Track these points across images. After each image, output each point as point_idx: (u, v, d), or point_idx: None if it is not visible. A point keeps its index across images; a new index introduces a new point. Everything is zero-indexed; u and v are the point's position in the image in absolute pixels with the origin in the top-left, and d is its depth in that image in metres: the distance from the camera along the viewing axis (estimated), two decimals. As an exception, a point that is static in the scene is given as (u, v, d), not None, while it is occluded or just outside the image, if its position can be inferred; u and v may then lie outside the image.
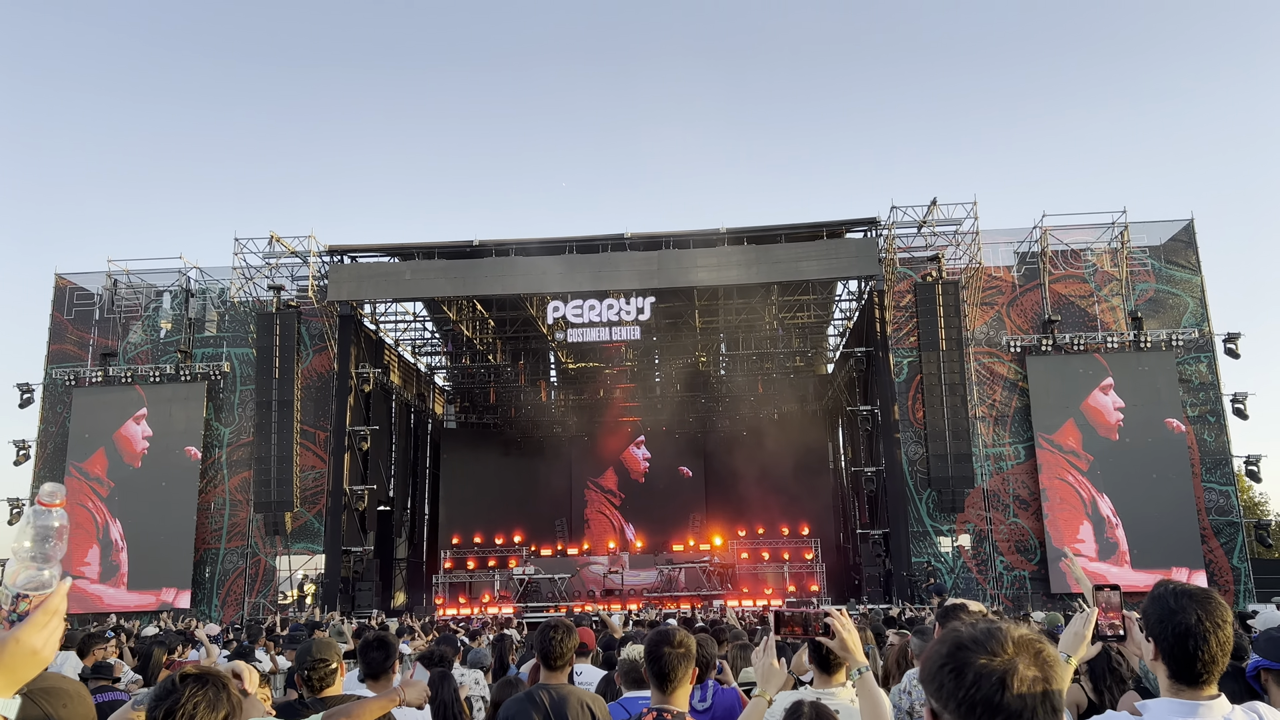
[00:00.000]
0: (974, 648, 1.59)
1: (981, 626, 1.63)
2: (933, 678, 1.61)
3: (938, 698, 1.59)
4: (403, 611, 29.14)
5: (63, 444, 29.92)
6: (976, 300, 28.88)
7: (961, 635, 1.63)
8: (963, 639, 1.62)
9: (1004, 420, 28.42)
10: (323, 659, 4.31)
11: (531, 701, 4.62)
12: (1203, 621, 2.50)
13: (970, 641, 1.60)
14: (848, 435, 36.10)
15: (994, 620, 1.66)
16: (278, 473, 28.28)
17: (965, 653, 1.58)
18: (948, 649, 1.62)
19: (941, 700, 1.58)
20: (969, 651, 1.58)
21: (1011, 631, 1.61)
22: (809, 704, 2.96)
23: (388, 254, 30.60)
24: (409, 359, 36.58)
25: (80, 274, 31.58)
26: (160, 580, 28.82)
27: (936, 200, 27.96)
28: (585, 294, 28.61)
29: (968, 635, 1.62)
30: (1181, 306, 28.54)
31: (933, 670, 1.62)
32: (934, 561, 27.45)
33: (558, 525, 36.56)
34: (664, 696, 3.67)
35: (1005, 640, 1.59)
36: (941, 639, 1.65)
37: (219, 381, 30.50)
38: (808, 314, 33.11)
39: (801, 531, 32.67)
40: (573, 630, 5.00)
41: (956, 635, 1.64)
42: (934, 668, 1.62)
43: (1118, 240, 28.78)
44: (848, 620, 3.17)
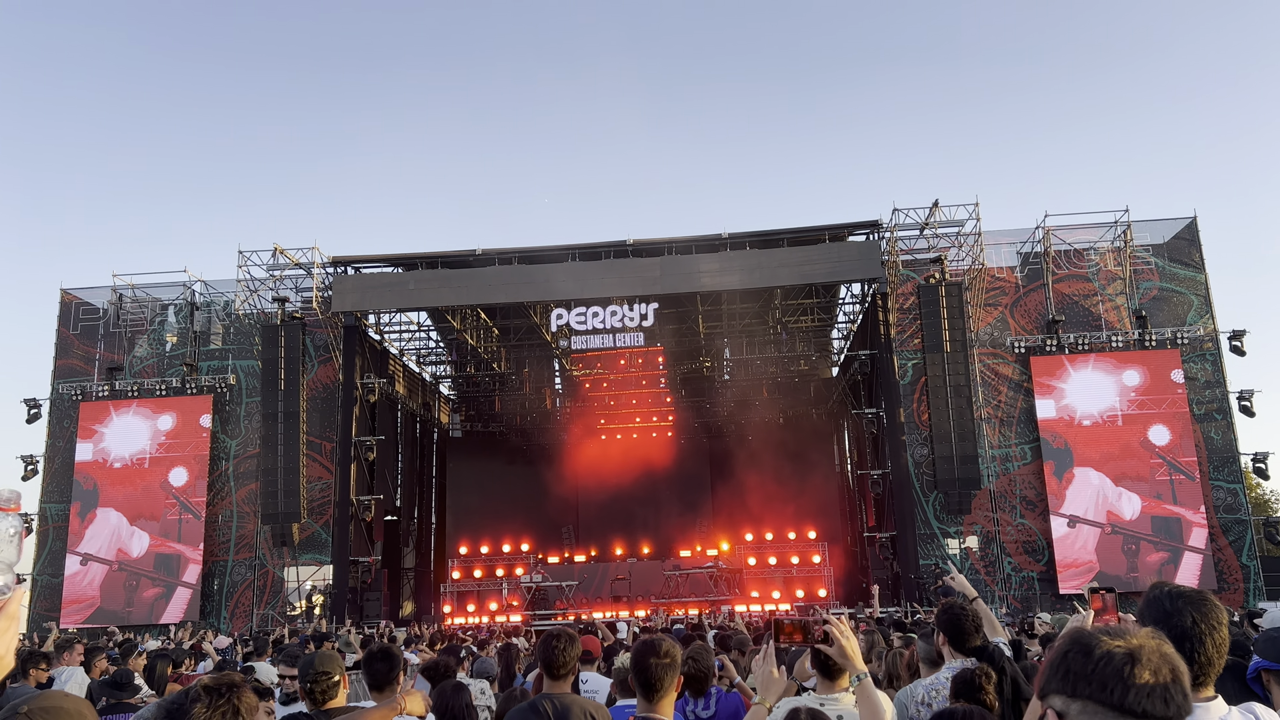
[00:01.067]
0: (1099, 634, 1.60)
1: (1103, 626, 1.66)
2: (1056, 670, 1.61)
3: (1064, 685, 1.58)
4: (411, 621, 29.16)
5: (70, 458, 30.02)
6: (980, 301, 28.87)
7: (1084, 629, 1.66)
8: (1085, 631, 1.64)
9: (1009, 421, 28.38)
10: (325, 672, 4.33)
11: (535, 711, 4.63)
12: (1198, 624, 2.50)
13: (1097, 631, 1.62)
14: (853, 438, 36.07)
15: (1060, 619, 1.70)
16: (284, 484, 28.35)
17: (1090, 639, 1.60)
18: (1071, 639, 1.63)
19: (1070, 684, 1.57)
20: (1094, 638, 1.60)
21: (1134, 628, 1.64)
22: (806, 710, 2.98)
23: (391, 264, 30.71)
24: (414, 369, 36.67)
25: (86, 289, 31.73)
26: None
27: (938, 202, 28.00)
28: (588, 301, 28.68)
29: (1094, 628, 1.64)
30: (1186, 304, 28.49)
31: (1054, 663, 1.62)
32: (942, 563, 27.38)
33: (565, 532, 36.57)
34: (650, 705, 3.70)
35: (1129, 632, 1.61)
36: (1060, 640, 1.67)
37: (225, 394, 30.60)
38: (811, 318, 33.12)
39: (808, 535, 32.64)
40: (575, 639, 5.01)
41: (1079, 630, 1.66)
42: (1056, 660, 1.62)
43: (1121, 239, 28.75)
44: (846, 627, 3.19)
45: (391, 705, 3.65)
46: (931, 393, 27.33)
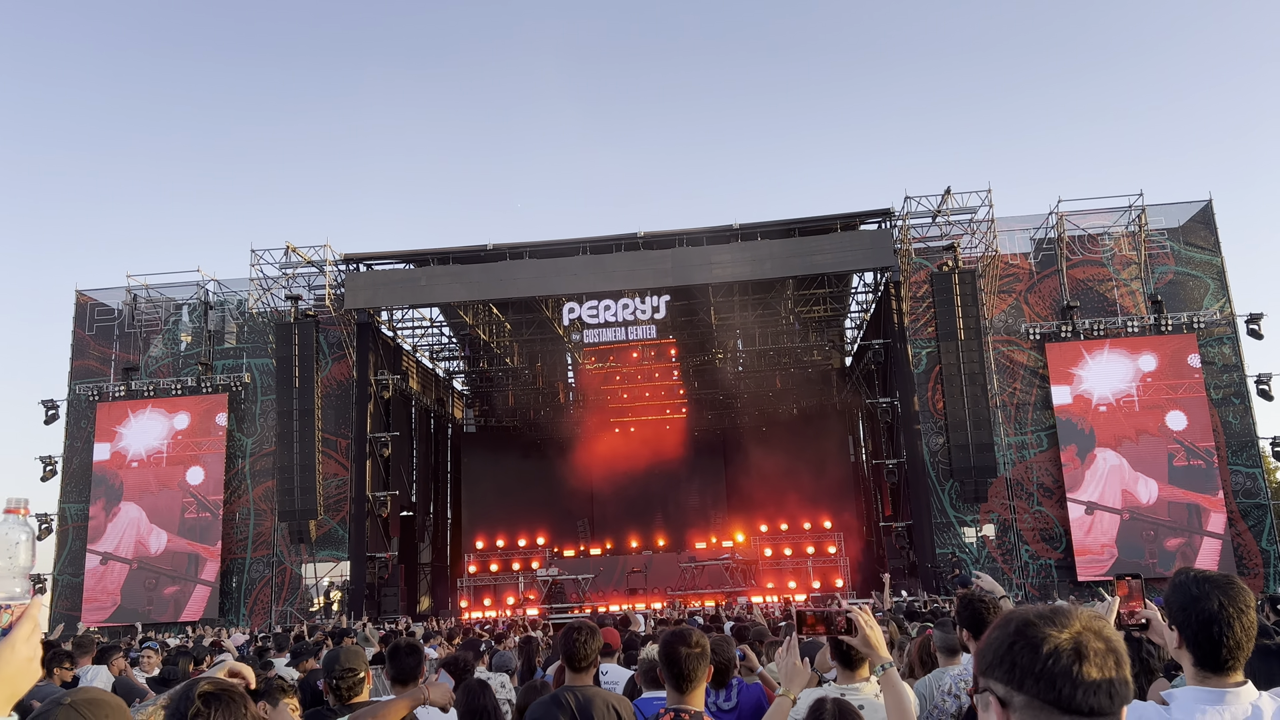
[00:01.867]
0: (1042, 623, 1.57)
1: (1045, 606, 1.61)
2: (1001, 659, 1.58)
3: (1009, 677, 1.56)
4: (428, 616, 29.29)
5: (88, 459, 30.23)
6: (994, 288, 28.71)
7: (1028, 614, 1.60)
8: (1029, 617, 1.59)
9: (1025, 408, 28.24)
10: (350, 668, 4.34)
11: (558, 704, 4.64)
12: (1226, 608, 2.48)
13: (1038, 618, 1.58)
14: (868, 428, 35.99)
15: (1054, 603, 1.65)
16: (300, 481, 28.48)
17: (1035, 629, 1.56)
18: (1015, 627, 1.59)
19: (1015, 679, 1.55)
20: (1038, 627, 1.56)
21: (1075, 609, 1.61)
22: (832, 700, 2.96)
23: (403, 261, 30.77)
24: (427, 364, 36.76)
25: (100, 290, 31.92)
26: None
27: (951, 189, 27.85)
28: (600, 294, 28.67)
29: (1034, 613, 1.60)
30: (1202, 288, 28.26)
31: (1001, 651, 1.58)
32: (959, 552, 27.31)
33: (580, 526, 36.63)
34: (681, 697, 3.66)
35: (1071, 616, 1.58)
36: (1001, 623, 1.63)
37: (240, 392, 30.74)
38: (824, 307, 33.03)
39: (824, 525, 32.60)
40: (596, 632, 5.01)
41: (1022, 615, 1.61)
42: (1002, 648, 1.59)
43: (1135, 223, 28.53)
44: (870, 617, 3.17)
45: (415, 696, 3.65)
46: (946, 381, 27.21)
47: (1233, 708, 2.41)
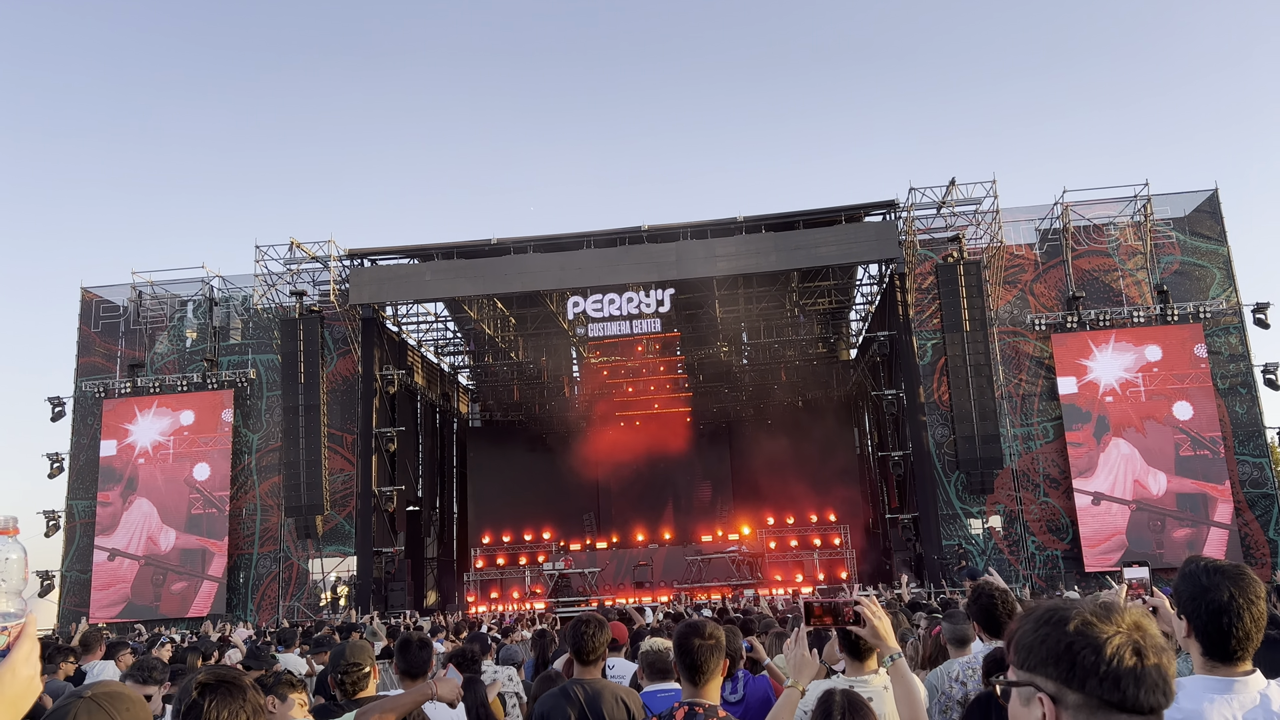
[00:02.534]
0: (1102, 621, 1.54)
1: (1091, 603, 1.59)
2: (1059, 659, 1.55)
3: (1067, 677, 1.53)
4: (434, 610, 29.35)
5: (95, 455, 30.33)
6: (999, 279, 28.65)
7: (1084, 610, 1.57)
8: (1087, 615, 1.56)
9: (1031, 399, 28.19)
10: (355, 663, 4.35)
11: (566, 697, 4.64)
12: (1236, 598, 2.47)
13: (1096, 616, 1.55)
14: (873, 420, 35.95)
15: (1089, 597, 1.62)
16: (307, 477, 28.54)
17: (1095, 628, 1.53)
18: (1075, 626, 1.54)
19: (1077, 678, 1.52)
20: (1099, 627, 1.53)
21: (1120, 604, 1.59)
22: (840, 692, 2.95)
23: (407, 256, 30.77)
24: (432, 359, 36.78)
25: (105, 287, 31.98)
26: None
27: (955, 180, 27.77)
28: (604, 288, 28.66)
29: (1090, 610, 1.56)
30: (1208, 278, 28.17)
31: (1058, 650, 1.55)
32: (965, 544, 27.30)
33: (586, 520, 36.68)
34: (695, 690, 3.62)
35: (1123, 613, 1.56)
36: (1048, 620, 1.58)
37: (245, 389, 30.80)
38: (828, 300, 32.98)
39: (830, 518, 32.61)
40: (605, 625, 5.01)
41: (1078, 610, 1.57)
42: (1060, 648, 1.55)
43: (1140, 213, 28.43)
44: (878, 608, 3.16)
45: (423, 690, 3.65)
46: (951, 372, 27.17)
47: (1241, 696, 2.40)
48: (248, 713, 2.39)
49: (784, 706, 3.14)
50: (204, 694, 2.38)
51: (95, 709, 2.03)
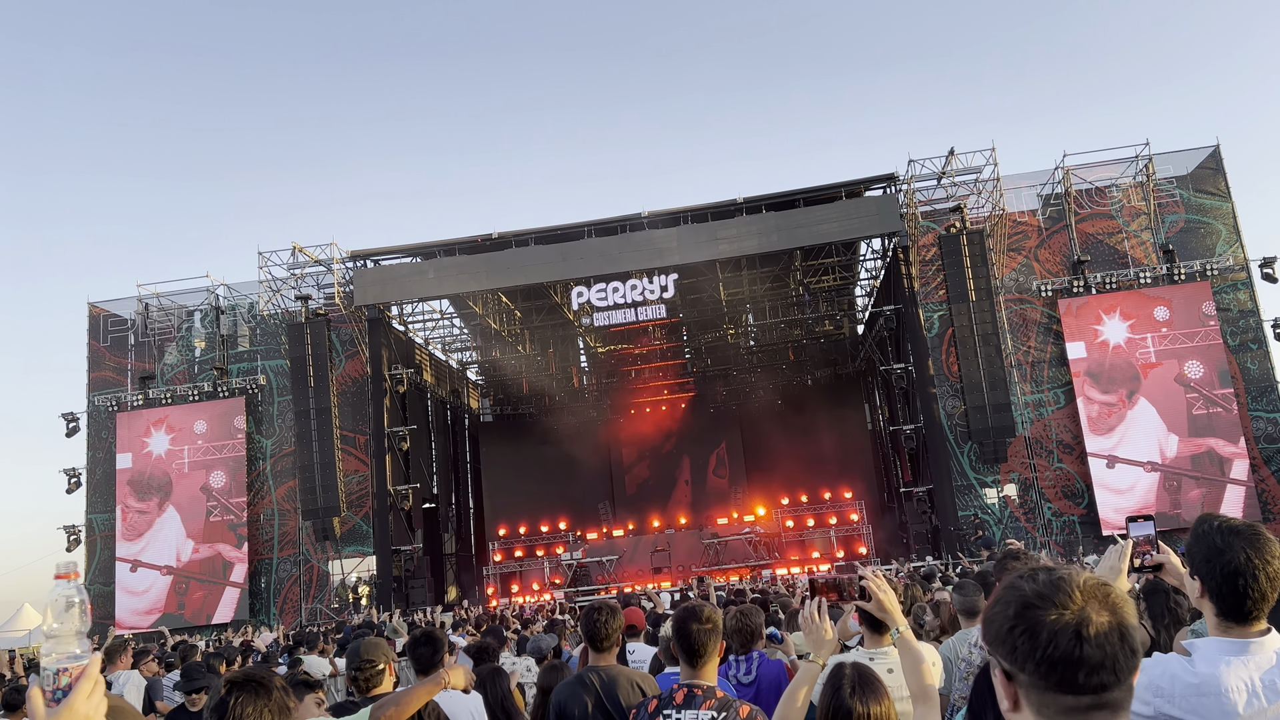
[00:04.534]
0: (1041, 604, 1.53)
1: (1043, 579, 1.56)
2: (1003, 641, 1.56)
3: (1011, 660, 1.54)
4: (455, 605, 29.52)
5: (111, 469, 30.55)
6: (1003, 247, 28.53)
7: (1026, 592, 1.56)
8: (1028, 596, 1.55)
9: (1041, 366, 28.12)
10: (369, 660, 4.40)
11: (582, 685, 4.68)
12: (1252, 559, 2.45)
13: (1036, 598, 1.54)
14: (883, 395, 35.91)
15: (1054, 569, 1.59)
16: (322, 479, 28.69)
17: (1034, 611, 1.52)
18: (1015, 609, 1.54)
19: (1017, 662, 1.53)
20: (1037, 609, 1.52)
21: (1075, 579, 1.55)
22: (851, 665, 2.97)
23: (409, 254, 30.79)
24: (440, 357, 36.86)
25: (112, 300, 32.14)
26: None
27: (954, 150, 27.64)
28: (608, 277, 28.62)
29: (1032, 591, 1.55)
30: (1214, 235, 28.00)
31: (1002, 633, 1.56)
32: (981, 514, 27.30)
33: (601, 508, 36.80)
34: (693, 672, 3.70)
35: (1073, 590, 1.53)
36: (1002, 598, 1.59)
37: (256, 395, 30.96)
38: (833, 277, 32.90)
39: (844, 495, 32.63)
40: (617, 611, 5.04)
41: (1020, 594, 1.56)
42: (1003, 630, 1.56)
43: (1143, 173, 28.26)
44: (883, 581, 3.17)
45: (435, 680, 3.69)
46: (960, 343, 27.11)
47: (1256, 657, 2.40)
48: (273, 710, 2.47)
49: (803, 680, 3.15)
50: (231, 691, 2.48)
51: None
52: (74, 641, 1.74)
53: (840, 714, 2.81)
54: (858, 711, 2.79)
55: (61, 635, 1.73)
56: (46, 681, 1.68)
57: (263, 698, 2.51)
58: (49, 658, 1.70)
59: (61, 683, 1.68)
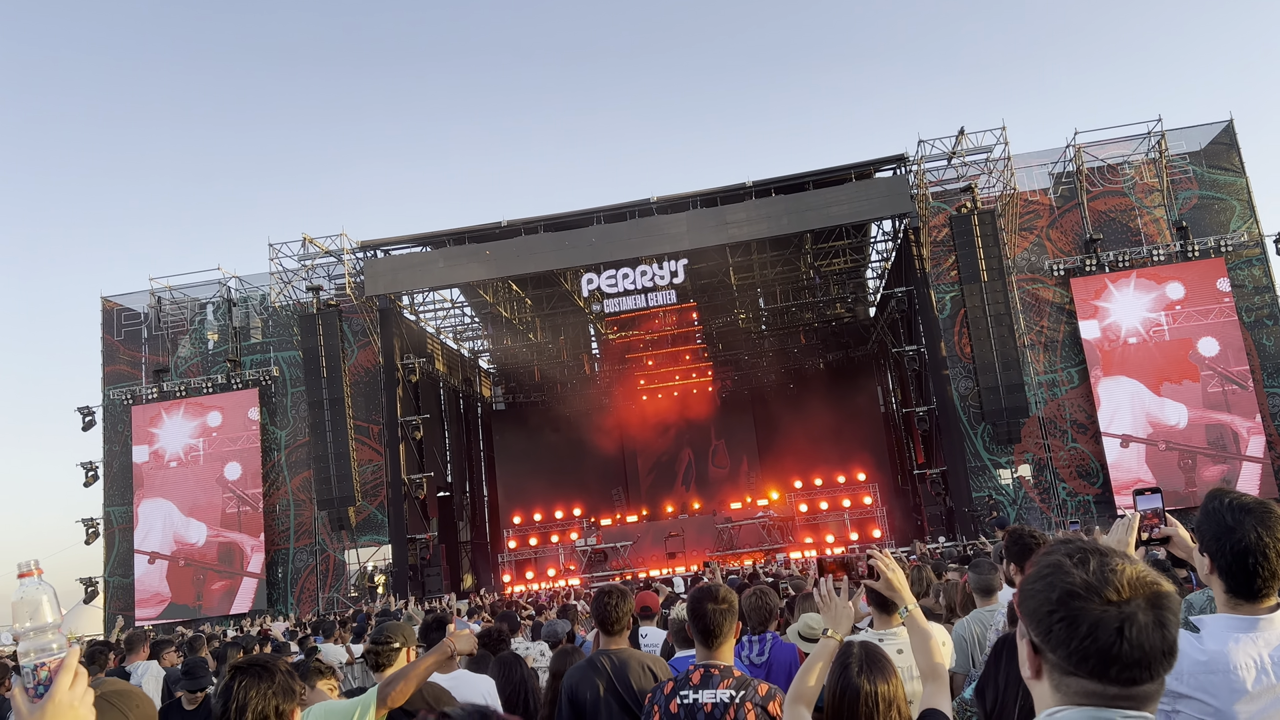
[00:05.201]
0: (1086, 594, 1.48)
1: (1094, 567, 1.50)
2: (1040, 622, 1.53)
3: (1044, 640, 1.52)
4: (470, 593, 29.68)
5: (128, 462, 30.79)
6: (1014, 227, 28.34)
7: (1073, 580, 1.49)
8: (1074, 585, 1.49)
9: (1054, 345, 27.97)
10: (387, 638, 4.46)
11: (594, 668, 4.70)
12: (1262, 537, 2.43)
13: (1083, 588, 1.48)
14: (896, 377, 35.82)
15: (1105, 556, 1.51)
16: (336, 469, 28.84)
17: (1078, 601, 1.48)
18: (1058, 595, 1.49)
19: (1050, 645, 1.51)
20: (1082, 600, 1.47)
21: (1125, 570, 1.48)
22: (859, 644, 2.97)
23: (419, 244, 30.84)
24: (452, 346, 36.95)
25: (125, 295, 32.32)
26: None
27: (964, 130, 27.44)
28: (618, 263, 28.59)
29: (1080, 580, 1.49)
30: (1228, 211, 27.74)
31: (1040, 614, 1.53)
32: (995, 495, 27.24)
33: (615, 494, 36.89)
34: (709, 652, 3.69)
35: (1121, 584, 1.47)
36: (1045, 577, 1.53)
37: (270, 386, 31.11)
38: (844, 259, 32.77)
39: (858, 478, 32.59)
40: (627, 594, 5.06)
41: (1066, 579, 1.50)
42: (1041, 611, 1.52)
43: (1155, 149, 28.00)
44: (891, 560, 3.16)
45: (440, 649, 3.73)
46: (972, 324, 26.98)
47: (1266, 634, 2.39)
48: (277, 693, 2.53)
49: (819, 655, 3.14)
50: (234, 675, 2.54)
51: (108, 708, 2.08)
52: (48, 636, 1.74)
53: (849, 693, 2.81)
54: (865, 690, 2.79)
55: (35, 632, 1.74)
56: (27, 679, 1.69)
57: (265, 681, 2.58)
58: (26, 656, 1.71)
59: (41, 676, 1.69)
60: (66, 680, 1.66)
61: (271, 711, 2.57)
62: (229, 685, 2.58)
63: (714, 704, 3.47)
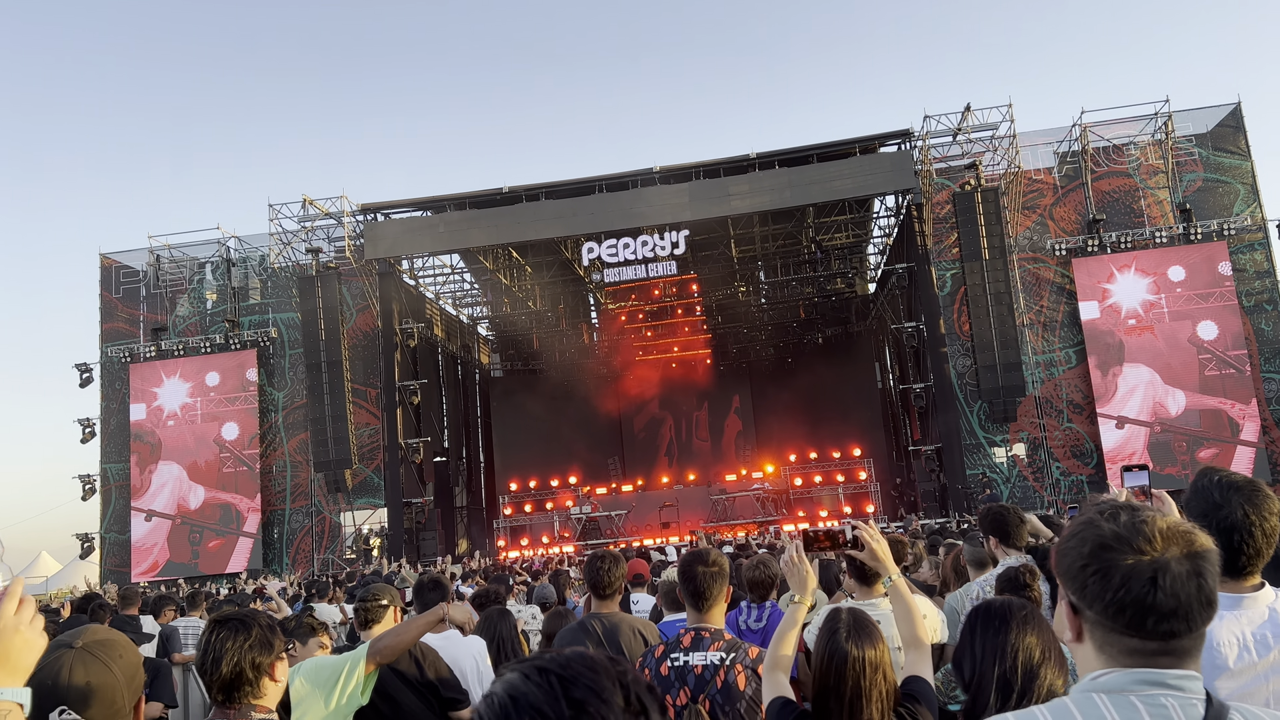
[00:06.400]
0: (1119, 546, 1.48)
1: (1125, 520, 1.51)
2: (1074, 577, 1.53)
3: (1080, 596, 1.53)
4: (465, 557, 29.88)
5: (125, 419, 30.85)
6: (1017, 205, 28.24)
7: (1104, 532, 1.51)
8: (1105, 537, 1.50)
9: (1053, 325, 27.98)
10: (374, 596, 4.51)
11: (585, 630, 4.75)
12: (1249, 515, 2.46)
13: (1114, 539, 1.49)
14: (894, 353, 35.85)
15: (1137, 509, 1.53)
16: (333, 432, 28.91)
17: (1110, 553, 1.48)
18: (1090, 548, 1.50)
19: (1086, 601, 1.52)
20: (1114, 551, 1.48)
21: (1158, 523, 1.49)
22: (847, 610, 3.01)
23: (420, 208, 30.71)
24: (451, 312, 36.91)
25: (123, 252, 32.21)
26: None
27: (970, 106, 27.26)
28: (619, 232, 28.49)
29: (1110, 532, 1.50)
30: (1232, 194, 27.64)
31: (1074, 570, 1.53)
32: (989, 473, 27.36)
33: (611, 464, 37.02)
34: (700, 616, 3.72)
35: (1153, 534, 1.48)
36: (1078, 534, 1.54)
37: (268, 347, 31.11)
38: (845, 234, 32.67)
39: (853, 453, 32.72)
40: (620, 560, 5.10)
41: (1098, 532, 1.52)
42: (1075, 567, 1.53)
43: (1162, 131, 27.84)
44: (875, 531, 3.20)
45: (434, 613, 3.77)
46: (972, 302, 26.95)
47: (1249, 612, 2.41)
48: (252, 646, 2.56)
49: (791, 621, 3.20)
50: (212, 629, 2.58)
51: (90, 659, 2.05)
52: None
53: (836, 658, 2.85)
54: (853, 655, 2.83)
55: None
56: None
57: (242, 634, 2.61)
58: None
59: None
60: (11, 606, 1.67)
61: (248, 665, 2.59)
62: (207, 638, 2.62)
63: (704, 666, 3.51)
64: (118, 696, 2.06)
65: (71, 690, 2.01)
